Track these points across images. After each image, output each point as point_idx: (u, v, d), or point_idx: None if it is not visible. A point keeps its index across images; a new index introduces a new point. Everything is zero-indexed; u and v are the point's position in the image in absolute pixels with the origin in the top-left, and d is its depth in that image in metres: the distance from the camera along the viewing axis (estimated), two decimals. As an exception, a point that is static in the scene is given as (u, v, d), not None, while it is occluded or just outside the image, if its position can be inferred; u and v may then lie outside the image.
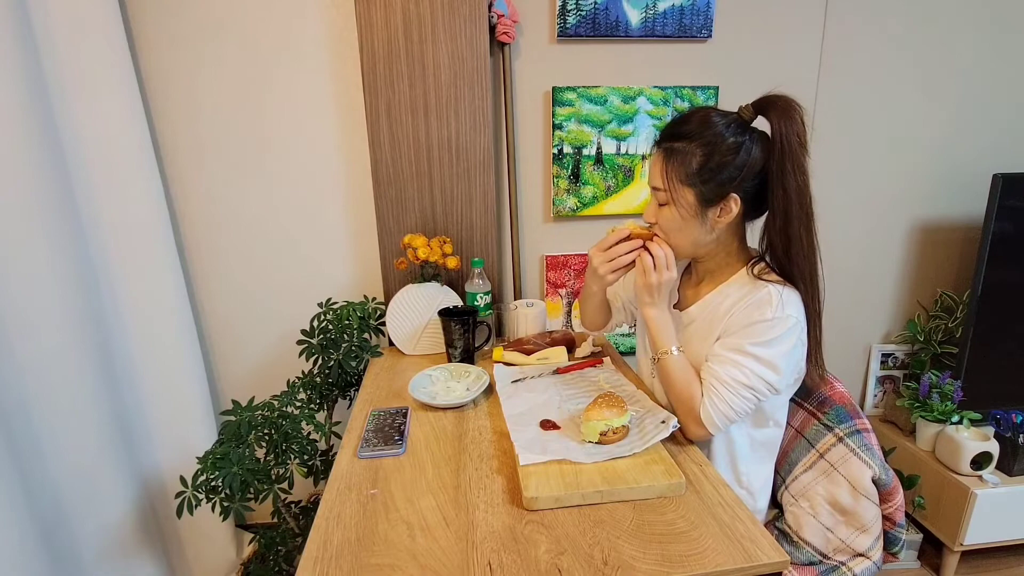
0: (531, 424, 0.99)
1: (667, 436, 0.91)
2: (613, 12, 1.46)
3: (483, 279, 1.44)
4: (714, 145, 0.87)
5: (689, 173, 0.88)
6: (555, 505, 0.81)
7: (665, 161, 0.90)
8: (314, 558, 0.73)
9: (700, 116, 0.90)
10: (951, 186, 1.74)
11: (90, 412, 1.29)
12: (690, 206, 0.90)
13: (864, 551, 0.94)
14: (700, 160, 0.88)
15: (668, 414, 0.96)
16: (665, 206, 0.93)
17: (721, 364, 0.91)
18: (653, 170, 0.94)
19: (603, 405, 0.92)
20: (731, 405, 0.89)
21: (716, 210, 0.90)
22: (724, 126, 0.88)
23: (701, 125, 0.88)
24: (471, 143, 1.44)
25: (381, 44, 1.36)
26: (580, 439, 0.93)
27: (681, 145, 0.89)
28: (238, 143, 1.45)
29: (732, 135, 0.87)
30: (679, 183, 0.89)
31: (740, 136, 0.87)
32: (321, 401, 1.36)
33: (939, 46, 1.62)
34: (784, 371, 0.89)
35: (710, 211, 0.91)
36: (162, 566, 1.49)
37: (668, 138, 0.91)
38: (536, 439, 0.94)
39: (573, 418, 1.01)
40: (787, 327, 0.87)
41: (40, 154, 1.18)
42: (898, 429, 1.79)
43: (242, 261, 1.54)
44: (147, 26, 1.36)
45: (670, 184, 0.90)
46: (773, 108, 0.85)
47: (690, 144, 0.88)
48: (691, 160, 0.88)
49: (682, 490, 0.83)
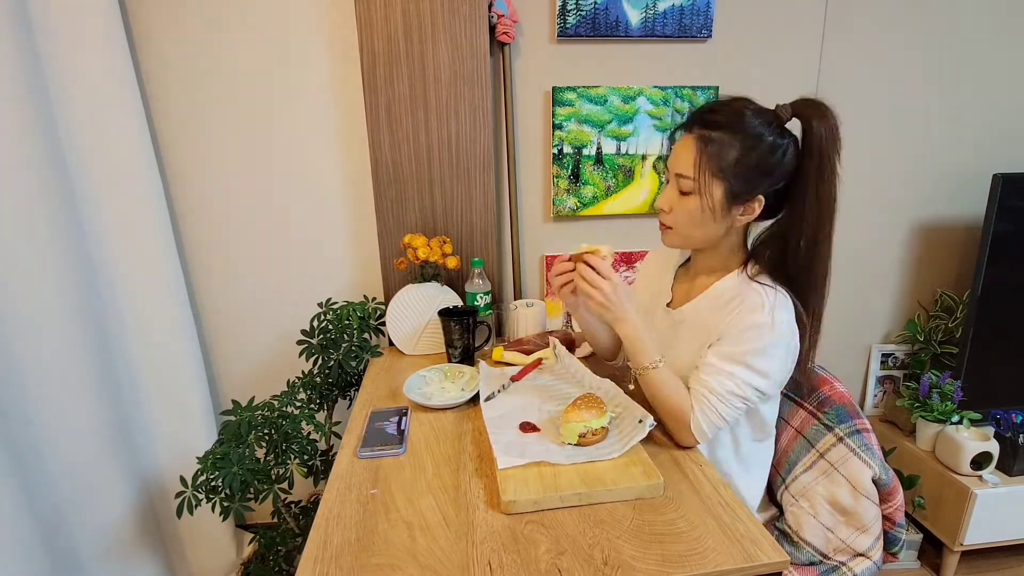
0: (510, 427, 0.97)
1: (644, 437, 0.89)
2: (613, 12, 1.46)
3: (483, 279, 1.44)
4: (755, 141, 0.83)
5: (724, 166, 0.84)
6: (533, 508, 0.80)
7: (699, 149, 0.85)
8: (314, 558, 0.73)
9: (738, 107, 0.86)
10: (951, 186, 1.74)
11: (90, 412, 1.29)
12: (716, 200, 0.86)
13: (864, 551, 0.94)
14: (738, 154, 0.84)
15: (644, 412, 0.93)
16: (688, 195, 0.88)
17: (713, 375, 0.89)
18: (682, 156, 0.87)
19: (582, 406, 0.91)
20: (722, 415, 0.89)
21: (740, 208, 0.88)
22: (764, 124, 0.84)
23: (739, 117, 0.84)
24: (471, 143, 1.44)
25: (381, 44, 1.36)
26: (559, 441, 0.92)
27: (718, 135, 0.84)
28: (238, 143, 1.46)
29: (772, 134, 0.84)
30: (711, 174, 0.85)
31: (780, 138, 0.84)
32: (321, 401, 1.36)
33: (939, 46, 1.62)
34: (775, 378, 0.90)
35: (734, 209, 0.87)
36: (162, 566, 1.49)
37: (703, 124, 0.86)
38: (515, 442, 0.92)
39: (553, 420, 0.99)
40: (779, 333, 0.87)
41: (40, 153, 1.18)
42: (898, 429, 1.79)
43: (242, 261, 1.54)
44: (148, 25, 1.36)
45: (701, 174, 0.85)
46: (814, 113, 0.83)
47: (728, 135, 0.84)
48: (728, 152, 0.84)
49: (660, 491, 0.83)
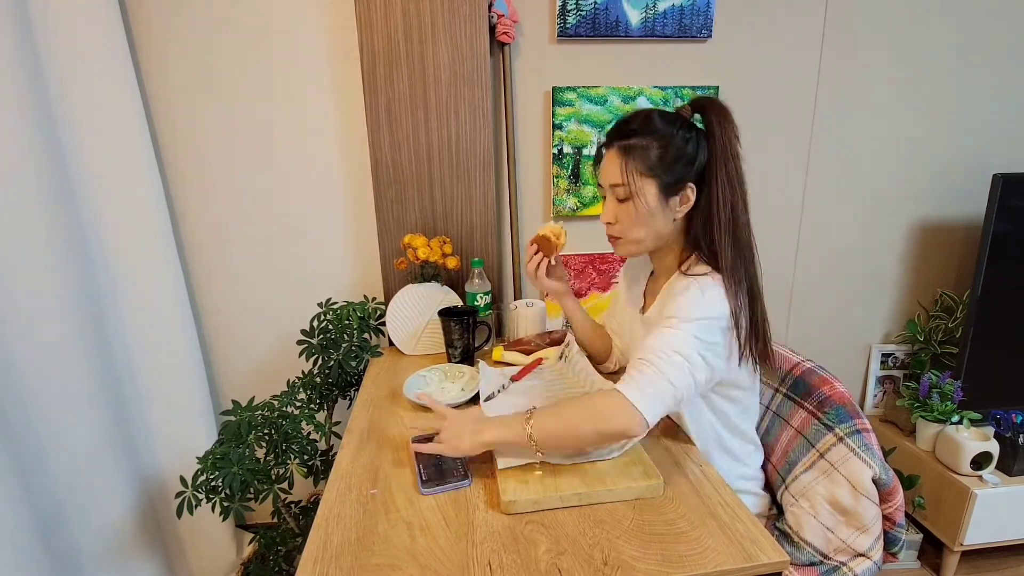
0: None
1: None
2: (613, 12, 1.46)
3: (483, 279, 1.44)
4: (669, 138, 0.92)
5: (650, 165, 0.92)
6: (533, 508, 0.80)
7: (623, 157, 0.94)
8: (314, 558, 0.73)
9: (646, 115, 0.95)
10: (951, 186, 1.74)
11: (90, 412, 1.29)
12: (652, 196, 0.93)
13: (864, 551, 0.94)
14: (658, 152, 0.92)
15: None
16: (626, 201, 0.95)
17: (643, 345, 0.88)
18: (609, 169, 0.96)
19: None
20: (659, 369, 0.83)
21: (676, 199, 0.94)
22: (672, 123, 0.93)
23: (650, 122, 0.93)
24: (471, 143, 1.44)
25: (381, 44, 1.36)
26: None
27: (636, 140, 0.93)
28: (238, 143, 1.46)
29: (681, 129, 0.93)
30: (640, 176, 0.93)
31: (688, 131, 0.93)
32: (321, 401, 1.36)
33: (939, 46, 1.62)
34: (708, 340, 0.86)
35: (671, 200, 0.94)
36: (162, 566, 1.49)
37: (620, 136, 0.95)
38: None
39: None
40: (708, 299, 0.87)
41: (41, 154, 1.18)
42: (898, 429, 1.79)
43: (242, 261, 1.54)
44: (148, 26, 1.36)
45: (631, 178, 0.93)
46: (711, 109, 0.92)
47: (645, 139, 0.92)
48: (649, 153, 0.92)
49: (660, 491, 0.83)
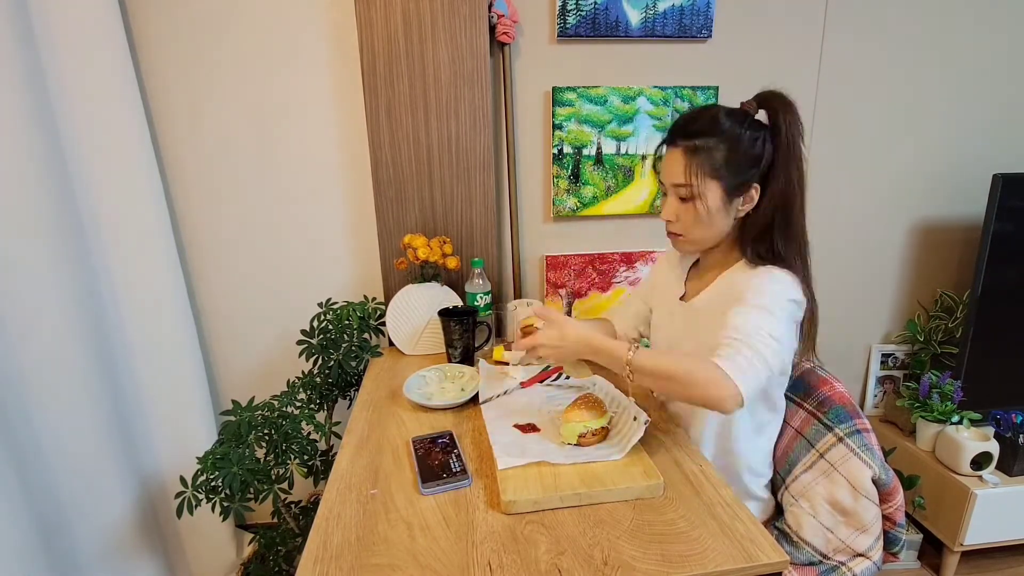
0: (510, 427, 0.98)
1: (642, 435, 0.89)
2: (613, 12, 1.46)
3: (483, 279, 1.44)
4: (737, 139, 0.91)
5: (716, 167, 0.92)
6: (533, 508, 0.80)
7: (688, 158, 0.93)
8: (314, 558, 0.73)
9: (713, 114, 0.93)
10: (951, 186, 1.74)
11: (90, 412, 1.29)
12: (717, 198, 0.93)
13: (864, 551, 0.94)
14: (724, 154, 0.91)
15: (639, 410, 0.93)
16: (689, 201, 0.95)
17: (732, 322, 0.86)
18: (673, 168, 0.95)
19: (582, 406, 0.92)
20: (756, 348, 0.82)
21: (740, 199, 0.94)
22: (738, 122, 0.92)
23: (716, 122, 0.92)
24: (471, 143, 1.44)
25: (381, 44, 1.36)
26: (559, 441, 0.93)
27: (702, 142, 0.92)
28: (238, 143, 1.45)
29: (748, 129, 0.92)
30: (706, 177, 0.92)
31: (755, 130, 0.93)
32: (321, 401, 1.36)
33: (939, 46, 1.62)
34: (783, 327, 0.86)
35: (735, 201, 0.94)
36: (162, 566, 1.49)
37: (685, 136, 0.93)
38: (515, 442, 0.93)
39: (553, 420, 1.00)
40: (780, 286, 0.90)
41: (41, 154, 1.18)
42: (898, 429, 1.79)
43: (242, 261, 1.54)
44: (147, 26, 1.36)
45: (696, 179, 0.92)
46: (777, 103, 0.92)
47: (712, 140, 0.91)
48: (716, 155, 0.91)
49: (660, 491, 0.83)
